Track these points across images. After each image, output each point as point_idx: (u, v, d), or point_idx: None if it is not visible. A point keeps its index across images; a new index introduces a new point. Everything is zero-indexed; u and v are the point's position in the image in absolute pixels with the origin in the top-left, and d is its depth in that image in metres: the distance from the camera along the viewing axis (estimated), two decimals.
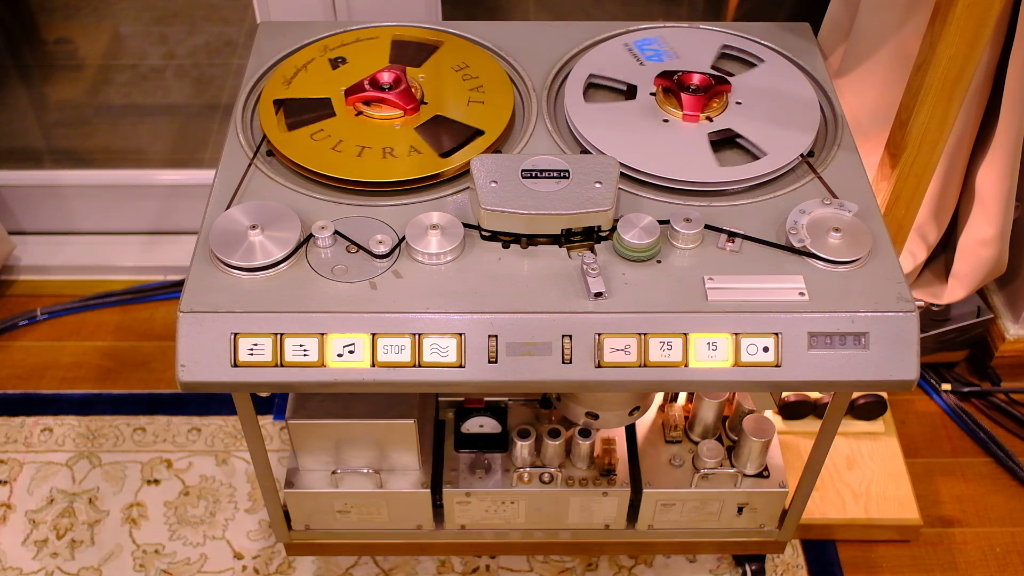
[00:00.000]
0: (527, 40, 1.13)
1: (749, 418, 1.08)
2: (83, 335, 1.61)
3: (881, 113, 1.21)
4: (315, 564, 1.31)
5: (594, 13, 1.62)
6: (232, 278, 0.88)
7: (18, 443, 1.45)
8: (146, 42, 1.76)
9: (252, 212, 0.91)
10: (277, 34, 1.14)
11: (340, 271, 0.89)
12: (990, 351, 1.50)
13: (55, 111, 1.75)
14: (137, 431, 1.47)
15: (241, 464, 1.43)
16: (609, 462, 1.10)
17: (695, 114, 1.01)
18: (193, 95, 1.76)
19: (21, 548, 1.33)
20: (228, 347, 0.86)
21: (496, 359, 0.86)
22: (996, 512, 1.38)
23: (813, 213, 0.92)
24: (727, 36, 1.12)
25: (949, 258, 1.41)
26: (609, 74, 1.07)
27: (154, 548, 1.33)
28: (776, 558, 1.32)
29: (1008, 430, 1.48)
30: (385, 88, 1.01)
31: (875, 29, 1.17)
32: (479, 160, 0.92)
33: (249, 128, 1.03)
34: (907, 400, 1.51)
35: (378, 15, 1.34)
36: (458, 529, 1.15)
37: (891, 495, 1.34)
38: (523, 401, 1.15)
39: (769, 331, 0.86)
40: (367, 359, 0.86)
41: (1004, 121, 1.21)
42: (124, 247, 1.70)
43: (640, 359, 0.86)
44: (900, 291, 0.88)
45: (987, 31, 0.94)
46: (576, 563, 1.31)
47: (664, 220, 0.91)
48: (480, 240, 0.91)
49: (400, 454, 1.07)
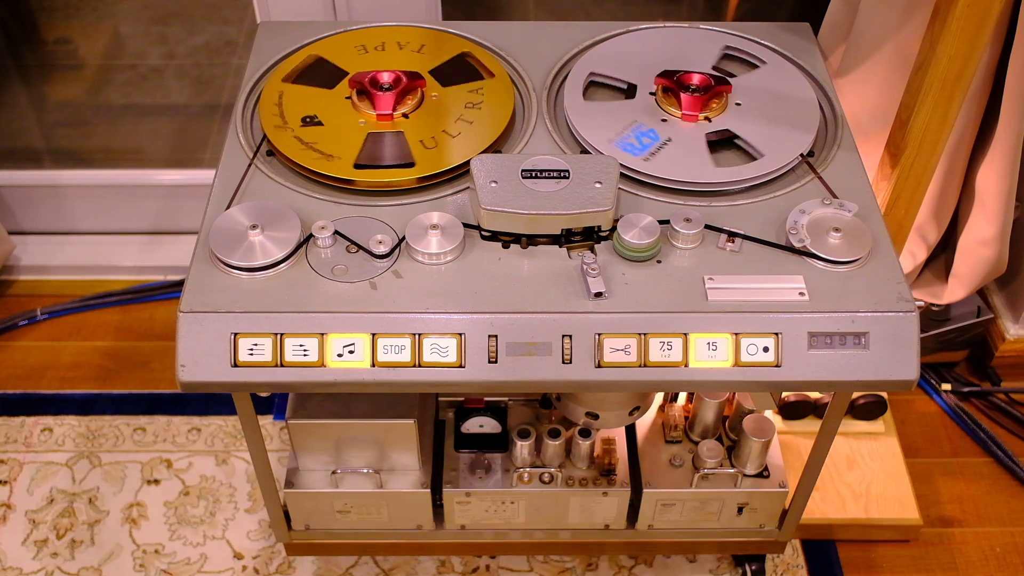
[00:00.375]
0: (527, 40, 1.13)
1: (749, 418, 1.08)
2: (83, 335, 1.61)
3: (881, 113, 1.21)
4: (315, 564, 1.31)
5: (594, 13, 1.62)
6: (232, 278, 0.88)
7: (18, 443, 1.45)
8: (146, 42, 1.76)
9: (252, 212, 0.91)
10: (277, 34, 1.14)
11: (340, 271, 0.89)
12: (990, 351, 1.50)
13: (55, 111, 1.75)
14: (137, 431, 1.47)
15: (241, 464, 1.43)
16: (609, 462, 1.10)
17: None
18: (193, 95, 1.76)
19: (21, 548, 1.33)
20: (228, 347, 0.86)
21: (496, 359, 0.86)
22: (996, 512, 1.38)
23: (813, 213, 0.92)
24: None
25: (949, 258, 1.41)
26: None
27: (154, 548, 1.33)
28: (776, 558, 1.32)
29: (1008, 430, 1.48)
30: (381, 88, 1.01)
31: (875, 29, 1.17)
32: (479, 160, 0.92)
33: (249, 128, 1.03)
34: (907, 400, 1.51)
35: (378, 15, 1.34)
36: (458, 529, 1.15)
37: (891, 495, 1.34)
38: (523, 401, 1.15)
39: (769, 331, 0.86)
40: (367, 359, 0.86)
41: (1004, 121, 1.21)
42: (124, 247, 1.70)
43: (640, 359, 0.86)
44: (900, 291, 0.88)
45: (987, 31, 0.94)
46: (576, 563, 1.31)
47: (664, 220, 0.91)
48: (480, 240, 0.91)
49: (400, 454, 1.07)
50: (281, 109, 1.01)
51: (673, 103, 1.02)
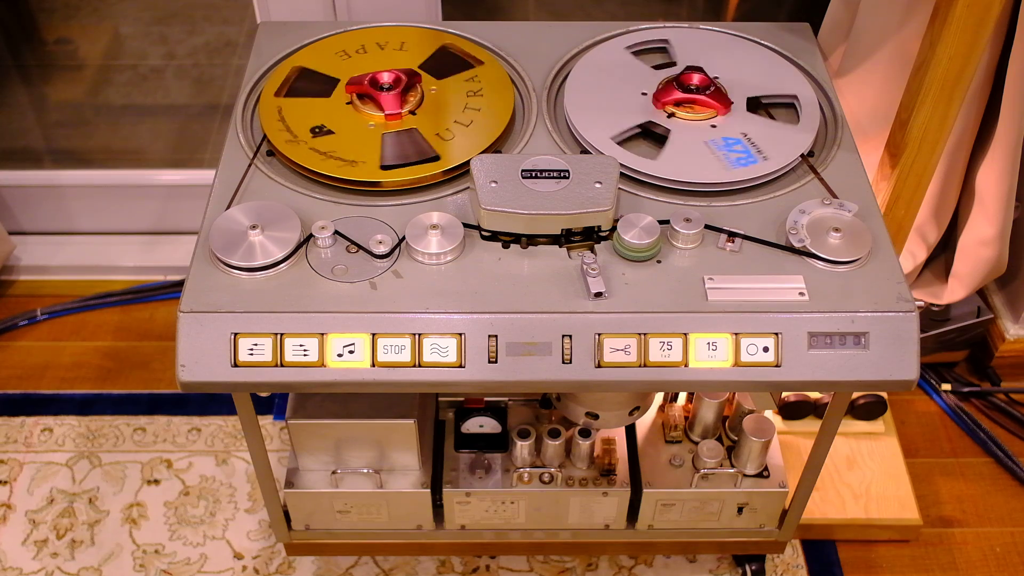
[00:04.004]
0: (527, 40, 1.13)
1: (749, 418, 1.08)
2: (83, 335, 1.61)
3: (881, 113, 1.21)
4: (315, 564, 1.31)
5: (594, 13, 1.62)
6: (232, 278, 0.88)
7: (18, 443, 1.45)
8: (146, 42, 1.76)
9: (252, 212, 0.91)
10: (277, 34, 1.14)
11: (340, 271, 0.89)
12: (990, 351, 1.50)
13: (55, 111, 1.75)
14: (137, 431, 1.47)
15: (241, 464, 1.43)
16: (609, 462, 1.10)
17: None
18: (193, 95, 1.76)
19: (21, 548, 1.33)
20: (228, 347, 0.86)
21: (496, 359, 0.86)
22: (996, 512, 1.38)
23: (813, 213, 0.92)
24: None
25: (949, 258, 1.41)
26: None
27: (154, 548, 1.33)
28: (776, 558, 1.32)
29: (1008, 430, 1.48)
30: (382, 88, 1.01)
31: (875, 29, 1.17)
32: (479, 160, 0.92)
33: (249, 128, 1.03)
34: (907, 400, 1.51)
35: (378, 15, 1.34)
36: (458, 529, 1.15)
37: (891, 495, 1.34)
38: (523, 401, 1.15)
39: (769, 331, 0.86)
40: (367, 359, 0.86)
41: (1004, 121, 1.21)
42: (124, 247, 1.70)
43: (640, 359, 0.86)
44: (900, 291, 0.88)
45: (987, 31, 0.94)
46: (576, 563, 1.31)
47: (664, 220, 0.91)
48: (480, 240, 0.91)
49: (400, 454, 1.07)
50: (286, 124, 1.00)
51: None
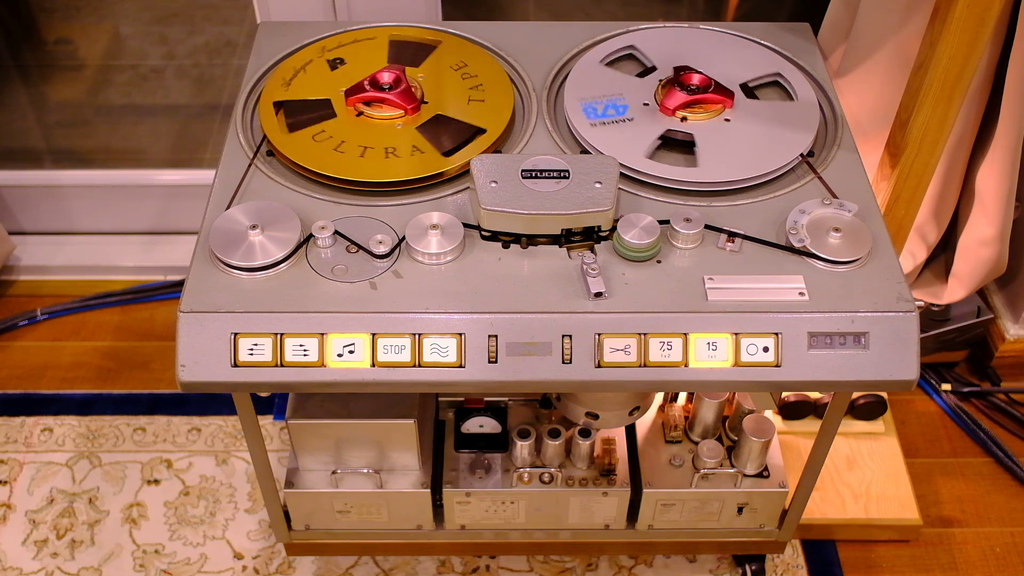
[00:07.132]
0: (527, 40, 1.13)
1: (749, 418, 1.08)
2: (83, 335, 1.61)
3: (881, 113, 1.21)
4: (315, 564, 1.31)
5: (594, 13, 1.62)
6: (232, 278, 0.88)
7: (18, 443, 1.45)
8: (146, 42, 1.76)
9: (252, 212, 0.91)
10: (277, 34, 1.14)
11: (340, 271, 0.89)
12: (990, 351, 1.50)
13: (55, 111, 1.76)
14: (137, 431, 1.47)
15: (241, 464, 1.43)
16: (609, 462, 1.10)
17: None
18: (193, 95, 1.76)
19: (21, 548, 1.33)
20: (228, 347, 0.86)
21: (496, 359, 0.86)
22: (996, 512, 1.38)
23: (813, 213, 0.92)
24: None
25: (949, 258, 1.41)
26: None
27: (154, 548, 1.33)
28: (776, 558, 1.32)
29: (1008, 430, 1.48)
30: (385, 88, 1.01)
31: (875, 29, 1.17)
32: (479, 160, 0.92)
33: (249, 128, 1.03)
34: (907, 400, 1.51)
35: (378, 15, 1.34)
36: (458, 529, 1.15)
37: (891, 495, 1.34)
38: (523, 401, 1.15)
39: (769, 331, 0.86)
40: (367, 359, 0.86)
41: (1004, 121, 1.21)
42: (124, 247, 1.70)
43: (640, 359, 0.86)
44: (900, 291, 0.88)
45: (987, 31, 0.94)
46: (576, 563, 1.31)
47: (664, 220, 0.91)
48: (480, 240, 0.91)
49: (400, 454, 1.07)
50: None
51: (662, 93, 1.02)
